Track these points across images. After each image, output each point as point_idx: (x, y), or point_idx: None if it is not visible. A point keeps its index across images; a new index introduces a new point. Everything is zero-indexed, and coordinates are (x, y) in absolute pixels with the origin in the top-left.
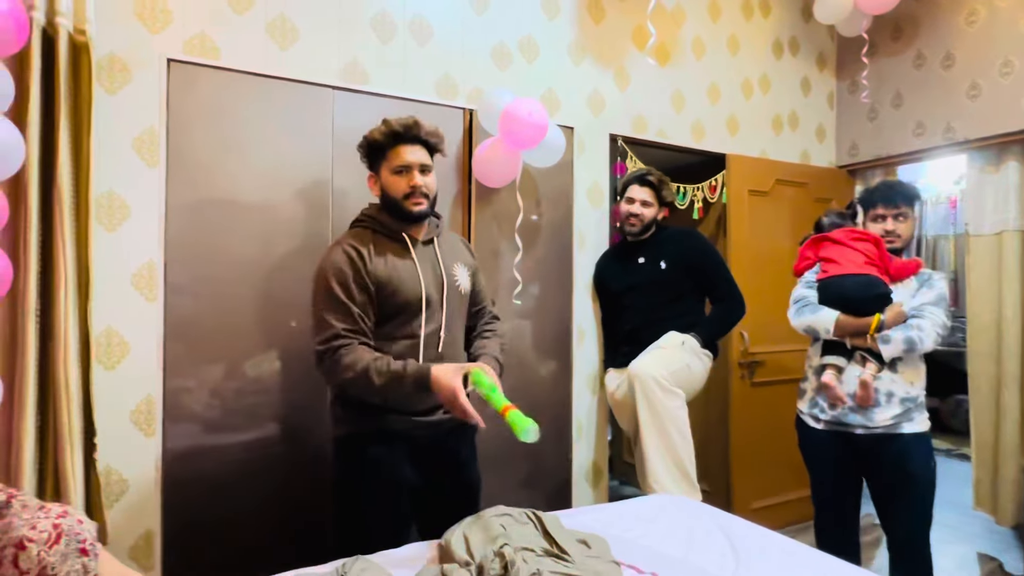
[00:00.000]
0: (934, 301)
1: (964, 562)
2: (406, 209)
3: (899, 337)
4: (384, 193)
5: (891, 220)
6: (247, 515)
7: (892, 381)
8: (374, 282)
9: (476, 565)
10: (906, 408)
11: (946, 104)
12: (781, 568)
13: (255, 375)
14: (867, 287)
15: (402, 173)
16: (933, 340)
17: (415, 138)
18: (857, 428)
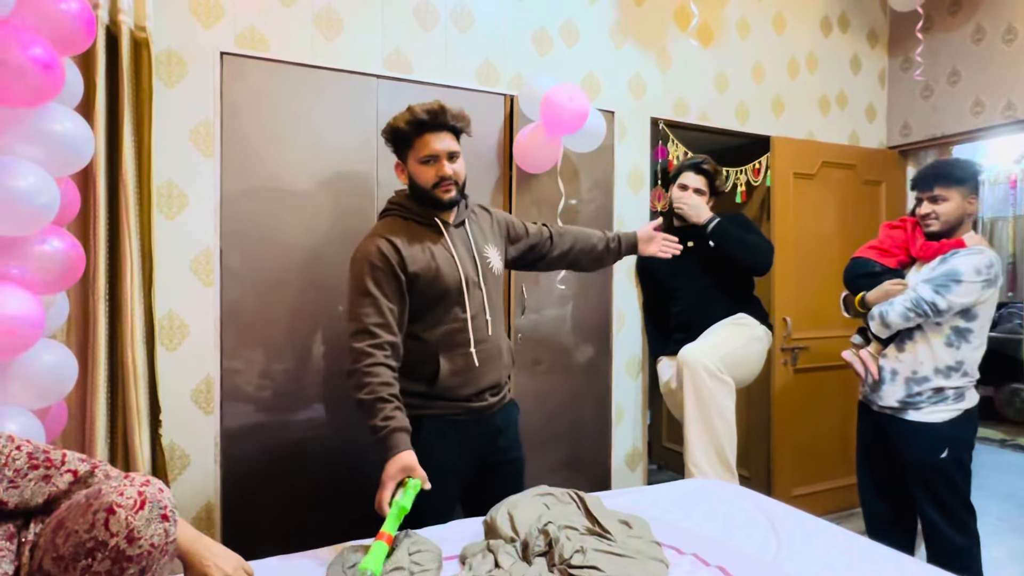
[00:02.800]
0: (929, 278)
1: (1015, 555)
2: (436, 197)
3: (876, 312)
4: (412, 181)
5: (927, 203)
6: (300, 491)
7: (896, 359)
8: (412, 272)
9: (521, 541)
10: (912, 391)
11: (1007, 80)
12: (824, 553)
13: (305, 358)
14: (853, 268)
15: (430, 162)
16: (899, 314)
17: (442, 125)
18: (874, 405)
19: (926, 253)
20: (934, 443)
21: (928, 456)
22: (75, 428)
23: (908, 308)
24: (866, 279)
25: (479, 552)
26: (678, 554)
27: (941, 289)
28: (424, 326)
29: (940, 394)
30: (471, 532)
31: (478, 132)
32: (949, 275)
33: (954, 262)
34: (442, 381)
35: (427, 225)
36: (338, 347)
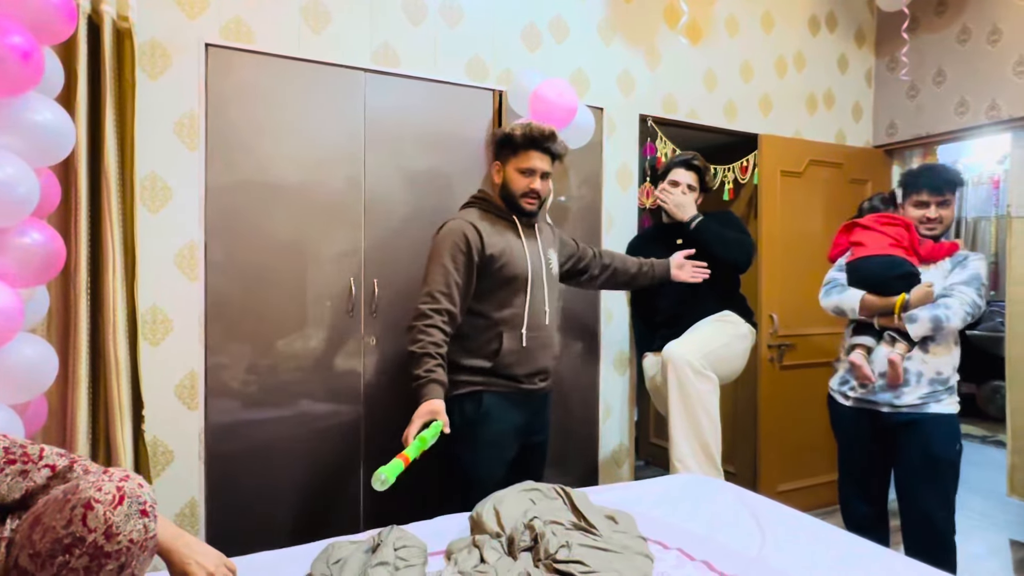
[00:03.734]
0: (966, 280)
1: (996, 549)
2: (520, 205)
3: (925, 316)
4: (505, 184)
5: (935, 207)
6: (285, 487)
7: (923, 361)
8: (489, 254)
9: (507, 536)
10: (934, 389)
11: (991, 81)
12: (808, 548)
13: (291, 353)
14: (890, 266)
15: (526, 175)
16: (961, 319)
17: (547, 148)
18: (884, 407)
19: (937, 255)
20: (953, 434)
21: (948, 447)
22: (55, 423)
23: (968, 312)
24: (904, 280)
25: (465, 547)
26: (664, 549)
27: (980, 292)
28: (492, 307)
29: (952, 389)
30: (457, 528)
31: (467, 127)
32: (977, 278)
33: (976, 266)
34: (503, 358)
35: (506, 220)
36: (325, 341)
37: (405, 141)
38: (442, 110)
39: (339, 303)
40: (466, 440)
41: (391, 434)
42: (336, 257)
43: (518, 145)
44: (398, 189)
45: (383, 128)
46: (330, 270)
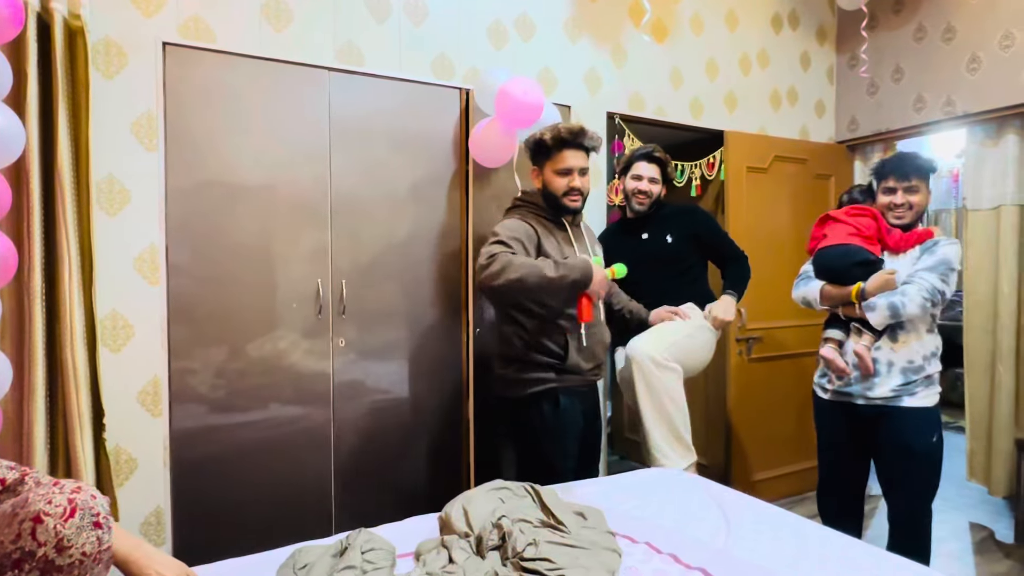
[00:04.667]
0: (930, 266)
1: (957, 531)
2: (564, 204)
3: (883, 304)
4: (545, 187)
5: (901, 193)
6: (254, 492)
7: (892, 351)
8: (542, 252)
9: (475, 536)
10: (908, 380)
11: (946, 78)
12: (773, 537)
13: (258, 356)
14: (845, 256)
15: (564, 174)
16: (918, 305)
17: (580, 144)
18: (858, 399)
19: (906, 244)
20: (930, 427)
21: (924, 440)
22: (10, 434)
23: (926, 299)
24: (862, 268)
25: (433, 548)
26: (631, 543)
27: (944, 278)
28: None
29: (929, 379)
30: (427, 528)
31: (434, 126)
32: (945, 264)
33: (944, 251)
34: (571, 355)
35: (554, 221)
36: (293, 344)
37: (372, 140)
38: (409, 109)
39: (307, 304)
40: (550, 438)
41: (361, 436)
42: (303, 258)
43: (550, 148)
44: (365, 189)
45: (349, 127)
46: (297, 271)
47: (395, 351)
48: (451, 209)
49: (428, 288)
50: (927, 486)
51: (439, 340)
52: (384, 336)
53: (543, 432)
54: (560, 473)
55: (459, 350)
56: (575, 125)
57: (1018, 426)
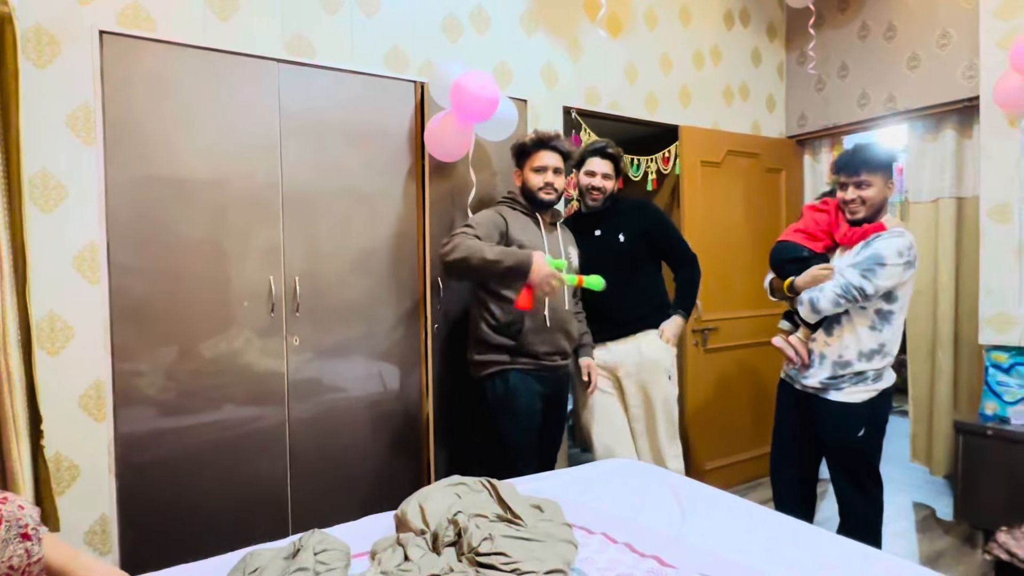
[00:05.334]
0: (855, 263)
1: (901, 511)
2: (539, 198)
3: (805, 299)
4: (524, 184)
5: (852, 188)
6: (206, 497)
7: (825, 344)
8: (512, 240)
9: (431, 533)
10: (836, 374)
11: (888, 75)
12: (722, 522)
13: (210, 356)
14: (781, 252)
15: (540, 171)
16: (830, 301)
17: (555, 147)
18: (797, 384)
19: (850, 239)
20: (852, 422)
21: (846, 435)
22: None
23: (838, 294)
24: (795, 264)
25: (389, 546)
26: (588, 534)
27: (867, 273)
28: (516, 290)
29: (860, 376)
30: (383, 527)
31: (388, 120)
32: (874, 259)
33: (877, 245)
34: (525, 336)
35: (530, 216)
36: (246, 343)
37: (324, 134)
38: (362, 102)
39: (259, 303)
40: (501, 414)
41: (318, 436)
42: (254, 255)
43: (530, 149)
44: (319, 184)
45: (300, 121)
46: (248, 269)
47: (351, 349)
48: (407, 204)
49: (385, 284)
50: (858, 474)
51: (397, 336)
52: (340, 334)
53: (495, 409)
54: (514, 450)
55: (417, 346)
56: (552, 131)
57: (956, 409)
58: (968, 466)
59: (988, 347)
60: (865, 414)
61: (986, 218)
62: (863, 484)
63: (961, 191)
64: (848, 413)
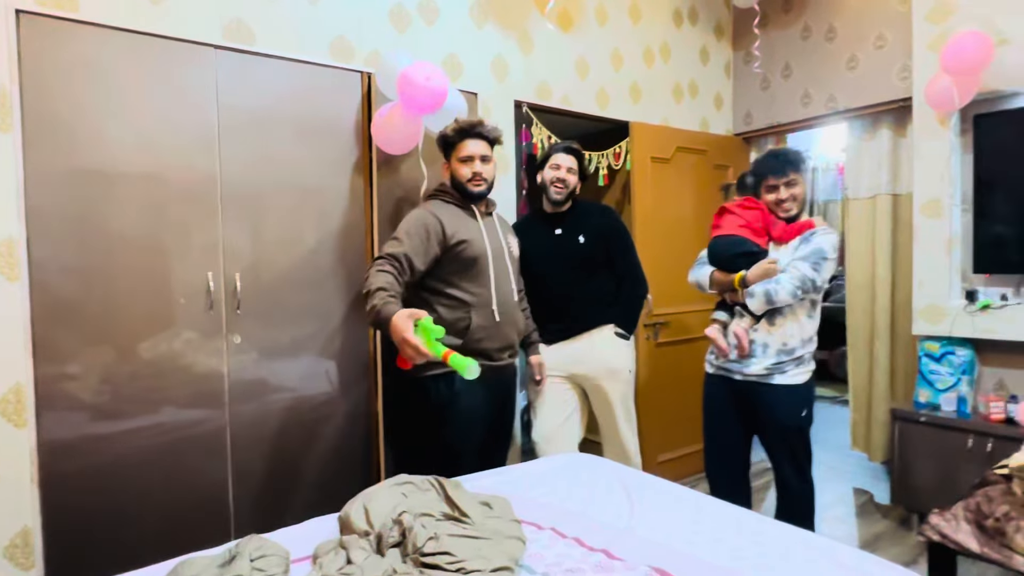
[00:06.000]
0: (803, 256)
1: (842, 497)
2: (469, 189)
3: (760, 291)
4: (453, 176)
5: (783, 188)
6: (142, 505)
7: (768, 333)
8: (452, 241)
9: (375, 534)
10: (780, 360)
11: (829, 75)
12: (671, 513)
13: (146, 357)
14: (731, 246)
15: (466, 162)
16: (789, 292)
17: (478, 134)
18: (736, 375)
19: (788, 235)
20: (797, 403)
21: (793, 415)
22: None
23: (796, 286)
24: (745, 258)
25: (332, 549)
26: (537, 530)
27: (816, 267)
28: (461, 288)
29: (799, 360)
30: (327, 530)
31: (334, 111)
32: (819, 253)
33: (818, 241)
34: (472, 333)
35: (464, 208)
36: (182, 342)
37: (266, 125)
38: (306, 92)
39: (196, 300)
40: (444, 417)
41: (261, 438)
42: (191, 250)
43: (453, 139)
44: (260, 176)
45: (240, 111)
46: (184, 265)
47: (297, 347)
48: (354, 197)
49: (331, 280)
50: (799, 456)
51: (344, 334)
52: (285, 332)
53: (438, 412)
54: (459, 457)
55: (365, 343)
56: (475, 119)
57: (893, 397)
58: (903, 452)
59: (921, 337)
60: (804, 395)
61: (919, 214)
62: (803, 466)
63: (897, 188)
64: (795, 394)
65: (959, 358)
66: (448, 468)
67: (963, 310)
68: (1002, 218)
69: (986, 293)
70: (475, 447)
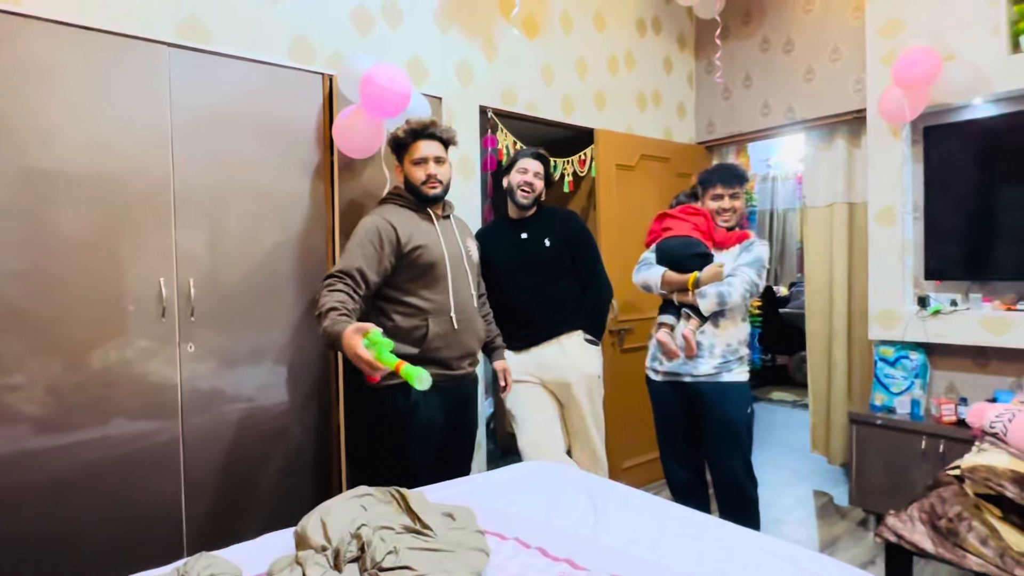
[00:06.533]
0: (748, 263)
1: (802, 499)
2: (423, 192)
3: (712, 292)
4: (406, 179)
5: (728, 199)
6: (89, 522)
7: (714, 335)
8: (407, 247)
9: (333, 549)
10: (726, 359)
11: (787, 86)
12: (635, 521)
13: (96, 367)
14: (688, 246)
15: (420, 164)
16: (740, 295)
17: (431, 135)
18: (686, 377)
19: (728, 242)
20: (744, 399)
21: (741, 411)
22: None
23: (747, 290)
24: (700, 259)
25: (287, 566)
26: (501, 540)
27: (759, 273)
28: (418, 295)
29: (742, 359)
30: (282, 545)
31: (294, 113)
32: (760, 262)
33: (758, 250)
34: (430, 342)
35: (419, 212)
36: (133, 351)
37: (223, 126)
38: (264, 94)
39: (147, 307)
40: (400, 428)
41: (217, 450)
42: (142, 255)
43: (405, 141)
44: (217, 178)
45: (194, 111)
46: (136, 271)
47: (254, 355)
48: (315, 201)
49: (291, 286)
50: (745, 453)
51: (304, 341)
52: (241, 340)
53: (394, 424)
54: (414, 470)
55: (327, 352)
56: (426, 118)
57: (851, 400)
58: (861, 454)
59: (877, 342)
60: (748, 392)
61: (873, 222)
62: (749, 464)
63: (852, 196)
64: (741, 391)
65: (912, 362)
66: (406, 479)
67: (915, 315)
68: (950, 226)
69: (937, 299)
70: (432, 458)
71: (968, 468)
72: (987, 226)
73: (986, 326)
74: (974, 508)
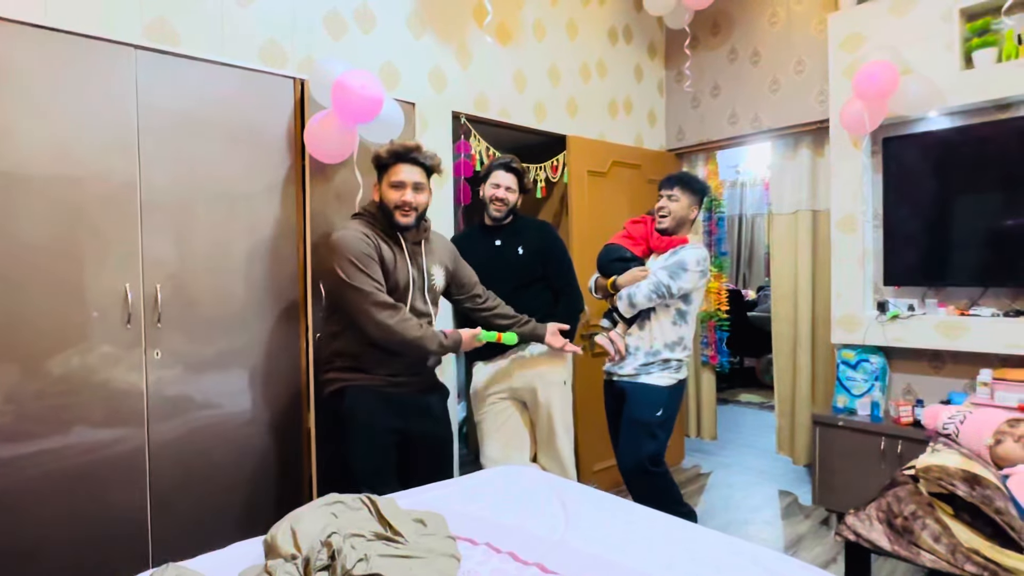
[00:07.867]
0: (664, 266)
1: (768, 500)
2: (395, 219)
3: (624, 294)
4: (381, 200)
5: (664, 199)
6: (49, 534)
7: (639, 338)
8: (381, 261)
9: (303, 558)
10: (648, 362)
11: (754, 96)
12: (605, 524)
13: (57, 374)
14: (608, 253)
15: (397, 187)
16: (644, 296)
17: (414, 160)
18: (615, 376)
19: (661, 246)
20: (654, 401)
21: (647, 412)
22: None
23: (651, 290)
24: (619, 264)
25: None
26: (472, 545)
27: (673, 275)
28: None
29: (667, 364)
30: (252, 555)
31: (265, 118)
32: (679, 264)
33: (682, 254)
34: (368, 356)
35: (389, 234)
36: (96, 358)
37: (191, 130)
38: (235, 98)
39: (112, 313)
40: (343, 433)
41: (184, 459)
42: (107, 261)
43: (387, 162)
44: (185, 182)
45: (162, 115)
46: (100, 276)
47: (223, 362)
48: (286, 207)
49: (261, 291)
50: (637, 452)
51: (274, 348)
52: (211, 346)
53: (337, 430)
54: (355, 474)
55: (297, 357)
56: (411, 142)
57: (815, 402)
58: (823, 454)
59: (839, 345)
60: (663, 397)
61: (835, 229)
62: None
63: (816, 204)
64: (653, 393)
65: (872, 365)
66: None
67: (875, 320)
68: (908, 234)
69: (895, 304)
70: (377, 465)
71: (922, 468)
72: (942, 234)
73: (941, 330)
74: (928, 507)
